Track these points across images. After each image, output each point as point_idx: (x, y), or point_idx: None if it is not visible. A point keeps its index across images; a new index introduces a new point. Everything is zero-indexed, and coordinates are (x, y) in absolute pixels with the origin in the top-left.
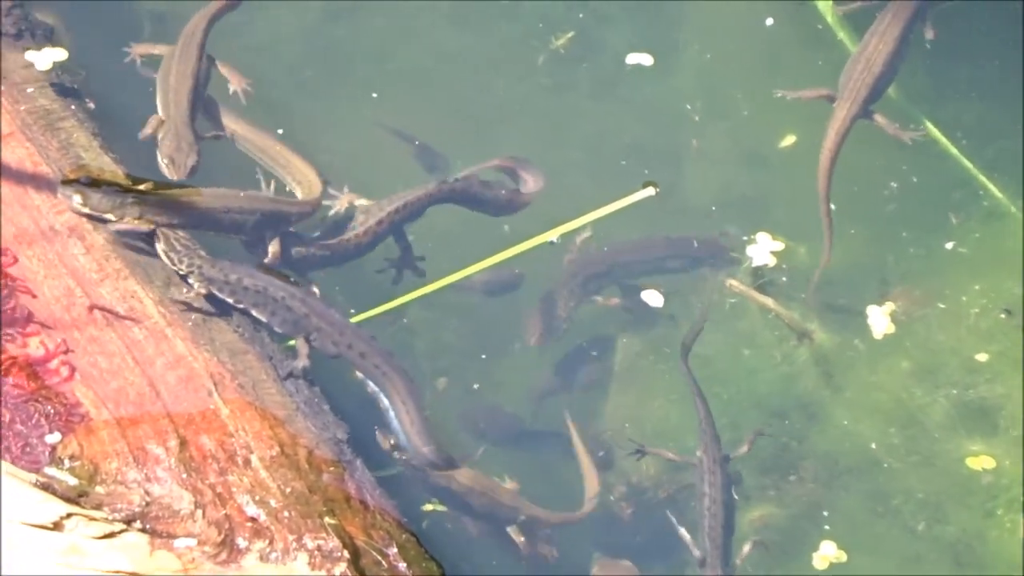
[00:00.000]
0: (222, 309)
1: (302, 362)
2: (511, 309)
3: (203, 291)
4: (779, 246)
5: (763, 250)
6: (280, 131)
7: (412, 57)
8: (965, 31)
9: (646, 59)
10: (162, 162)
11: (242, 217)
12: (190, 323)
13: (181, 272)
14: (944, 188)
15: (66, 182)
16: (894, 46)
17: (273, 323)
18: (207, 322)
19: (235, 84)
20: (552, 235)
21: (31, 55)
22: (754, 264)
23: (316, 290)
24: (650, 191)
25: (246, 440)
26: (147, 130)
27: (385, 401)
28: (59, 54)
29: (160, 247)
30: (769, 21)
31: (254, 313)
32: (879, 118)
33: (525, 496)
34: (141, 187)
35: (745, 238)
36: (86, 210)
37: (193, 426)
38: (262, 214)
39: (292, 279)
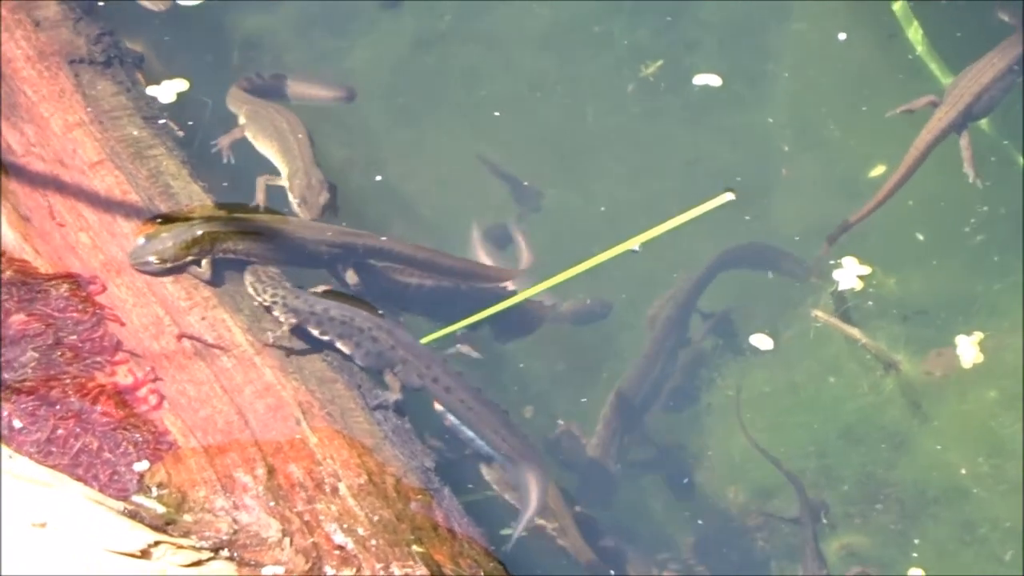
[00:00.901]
0: (311, 343)
1: (395, 395)
2: (601, 338)
3: (292, 321)
4: (866, 270)
5: (850, 274)
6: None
7: (503, 85)
8: None
9: (714, 80)
10: (294, 202)
11: (326, 250)
12: (279, 351)
13: (266, 304)
14: None
15: (135, 258)
16: (1008, 63)
17: (357, 355)
18: (295, 349)
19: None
20: (634, 243)
21: (153, 89)
22: (840, 288)
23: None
24: (729, 196)
25: (334, 468)
26: (260, 195)
27: (469, 433)
28: (181, 85)
29: (247, 279)
30: (842, 36)
31: (339, 345)
32: (965, 140)
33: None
34: (209, 215)
35: (832, 262)
36: (168, 265)
37: (281, 454)
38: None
39: (379, 311)
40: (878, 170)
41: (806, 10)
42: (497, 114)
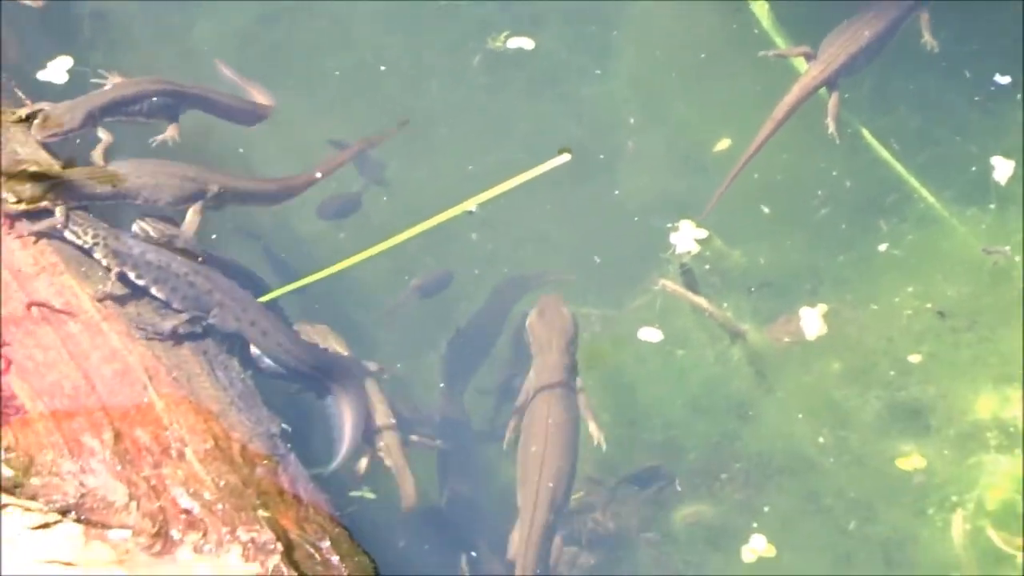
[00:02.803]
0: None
1: (168, 324)
2: (442, 308)
3: (116, 268)
4: (703, 234)
5: (686, 237)
6: None
7: (349, 59)
8: (912, 42)
9: (527, 43)
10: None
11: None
12: (125, 317)
13: (86, 245)
14: (877, 192)
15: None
16: (886, 25)
17: (173, 300)
18: (142, 316)
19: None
20: (471, 204)
21: (43, 74)
22: (678, 251)
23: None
24: (565, 157)
25: (180, 433)
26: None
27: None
28: (66, 62)
29: (62, 223)
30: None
31: (154, 291)
32: (836, 97)
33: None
34: (65, 171)
35: (668, 225)
36: (23, 207)
37: (128, 419)
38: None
39: (199, 257)
40: (723, 144)
41: None
42: (383, 68)
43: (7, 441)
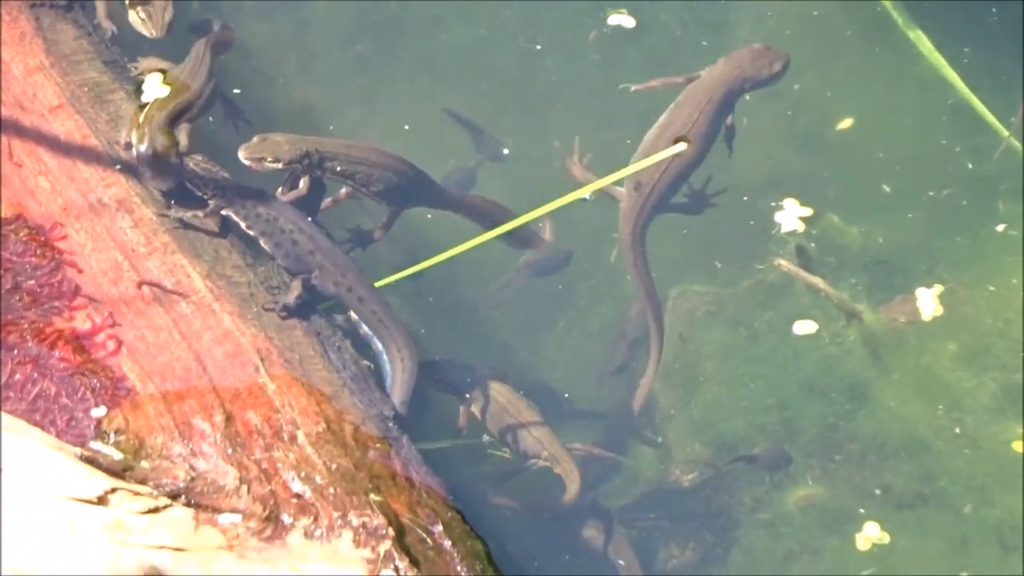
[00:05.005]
0: (224, 232)
1: (287, 299)
2: (559, 287)
3: (221, 204)
4: (807, 211)
5: (791, 216)
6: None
7: (464, 33)
8: None
9: (628, 21)
10: (137, 19)
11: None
12: (238, 297)
13: (206, 196)
14: (998, 173)
15: (251, 153)
16: None
17: (277, 255)
18: (254, 296)
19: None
20: (585, 192)
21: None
22: (782, 230)
23: None
24: (681, 146)
25: (292, 416)
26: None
27: (379, 345)
28: (160, 63)
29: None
30: None
31: (262, 243)
32: None
33: None
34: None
35: (773, 204)
36: (279, 166)
37: (239, 401)
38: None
39: (310, 218)
40: (845, 123)
41: None
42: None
43: (117, 423)
